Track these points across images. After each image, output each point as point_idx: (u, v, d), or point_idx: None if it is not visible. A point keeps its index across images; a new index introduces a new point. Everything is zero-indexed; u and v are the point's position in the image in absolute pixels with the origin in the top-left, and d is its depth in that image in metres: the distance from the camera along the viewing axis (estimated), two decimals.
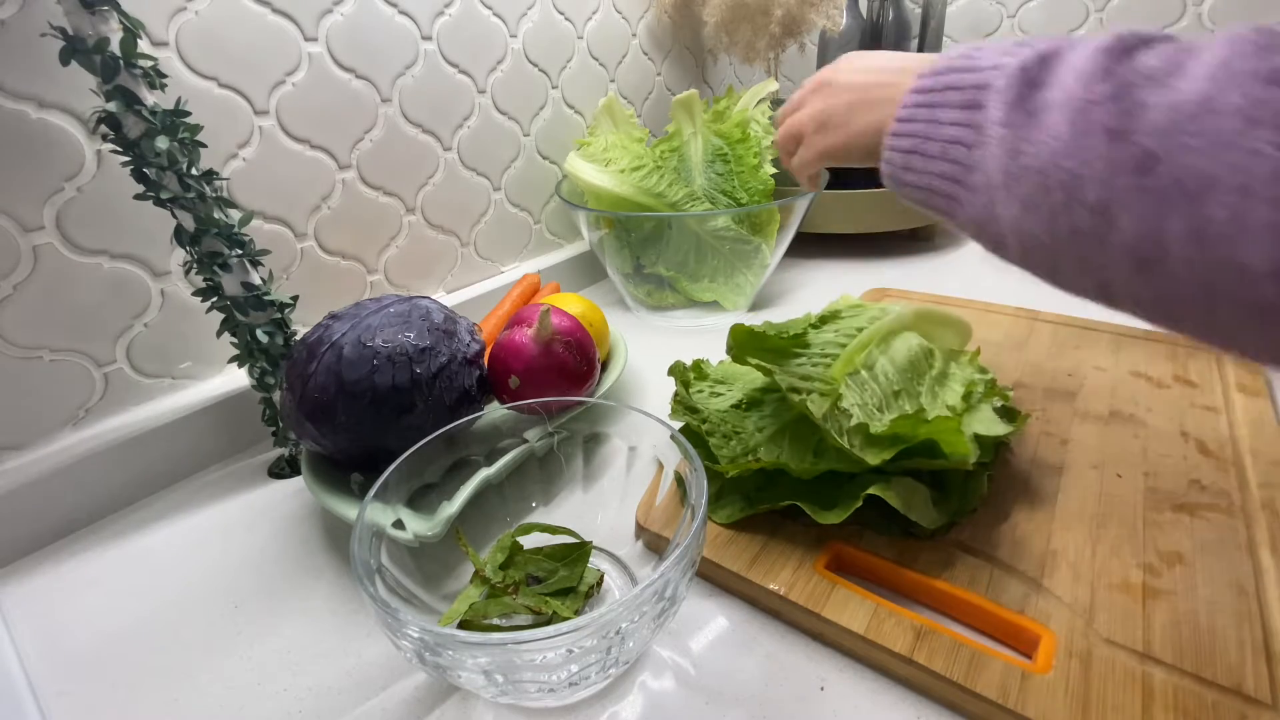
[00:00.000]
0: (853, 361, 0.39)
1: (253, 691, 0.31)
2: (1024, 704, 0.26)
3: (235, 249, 0.42)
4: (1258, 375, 0.47)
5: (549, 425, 0.39)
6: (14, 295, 0.40)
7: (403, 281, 0.62)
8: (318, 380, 0.38)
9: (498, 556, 0.34)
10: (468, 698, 0.30)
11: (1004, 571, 0.32)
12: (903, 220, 0.78)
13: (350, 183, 0.55)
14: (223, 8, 0.45)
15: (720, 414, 0.40)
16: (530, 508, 0.39)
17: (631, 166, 0.64)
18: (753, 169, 0.67)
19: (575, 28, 0.72)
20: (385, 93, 0.56)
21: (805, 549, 0.34)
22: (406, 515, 0.33)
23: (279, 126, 0.50)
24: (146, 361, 0.47)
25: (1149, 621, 0.29)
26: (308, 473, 0.40)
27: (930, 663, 0.28)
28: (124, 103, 0.37)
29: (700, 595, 0.35)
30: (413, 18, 0.56)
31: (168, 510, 0.45)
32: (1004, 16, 0.82)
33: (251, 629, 0.35)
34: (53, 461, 0.42)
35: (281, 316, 0.44)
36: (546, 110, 0.71)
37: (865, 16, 0.76)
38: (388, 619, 0.24)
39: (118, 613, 0.37)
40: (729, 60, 0.95)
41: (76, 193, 0.41)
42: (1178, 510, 0.36)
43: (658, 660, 0.31)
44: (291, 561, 0.39)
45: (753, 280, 0.67)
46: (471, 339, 0.43)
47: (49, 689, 0.32)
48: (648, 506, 0.37)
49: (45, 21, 0.36)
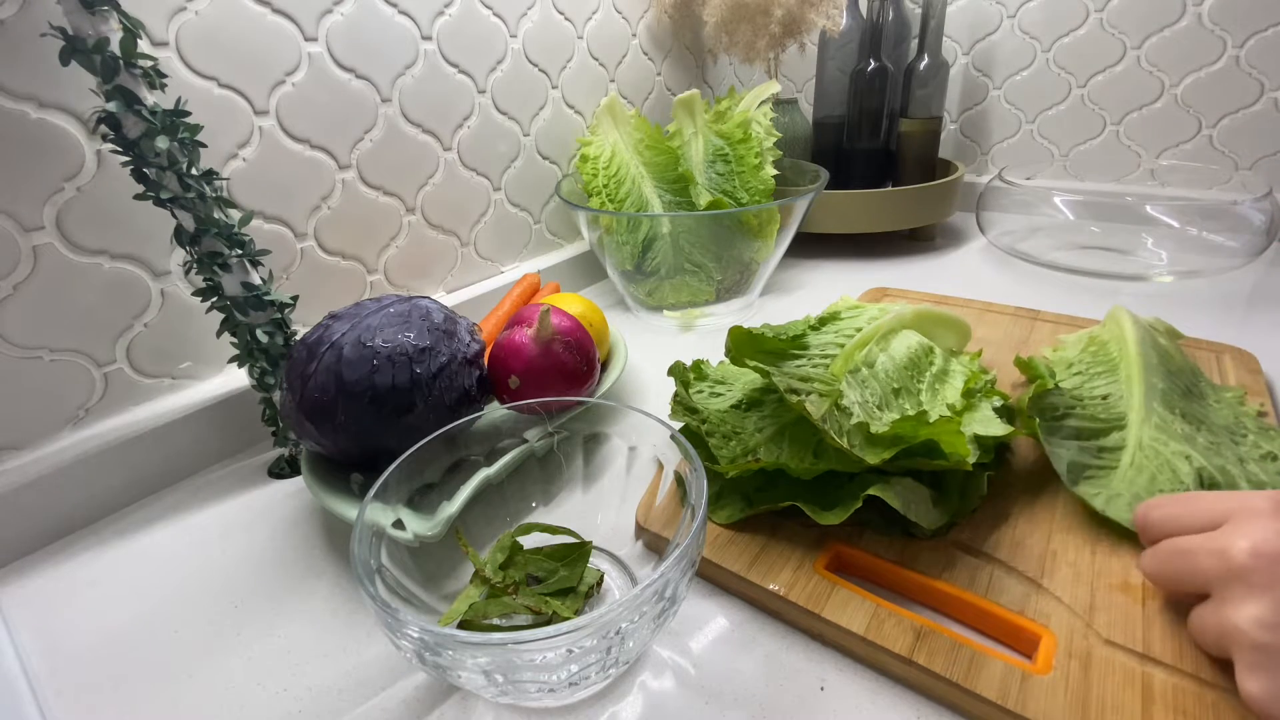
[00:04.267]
0: (853, 359, 0.39)
1: (253, 691, 0.31)
2: (1024, 704, 0.26)
3: (235, 249, 0.42)
4: (1258, 375, 0.47)
5: (549, 425, 0.39)
6: (14, 295, 0.40)
7: (403, 281, 0.62)
8: (318, 380, 0.38)
9: (498, 556, 0.34)
10: (468, 698, 0.30)
11: (1004, 572, 0.32)
12: (903, 220, 0.78)
13: (350, 183, 0.55)
14: (223, 8, 0.45)
15: (720, 414, 0.40)
16: (530, 508, 0.39)
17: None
18: (753, 169, 0.67)
19: (575, 28, 0.72)
20: (385, 93, 0.56)
21: (805, 549, 0.34)
22: (406, 515, 0.33)
23: (279, 126, 0.50)
24: (146, 361, 0.47)
25: (1149, 621, 0.29)
26: (308, 473, 0.40)
27: (930, 663, 0.28)
28: (124, 103, 0.37)
29: (700, 595, 0.35)
30: (413, 18, 0.56)
31: (167, 510, 0.45)
32: (1004, 16, 0.82)
33: (251, 629, 0.35)
34: (53, 461, 0.42)
35: (281, 316, 0.44)
36: (546, 110, 0.71)
37: (865, 16, 0.76)
38: (388, 619, 0.24)
39: (118, 613, 0.37)
40: (729, 60, 0.95)
41: (76, 193, 0.41)
42: None
43: (658, 660, 0.31)
44: (291, 561, 0.39)
45: (752, 280, 0.67)
46: (471, 339, 0.43)
47: (49, 689, 0.32)
48: (648, 506, 0.37)
49: (45, 21, 0.36)
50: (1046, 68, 0.82)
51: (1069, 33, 0.79)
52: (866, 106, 0.79)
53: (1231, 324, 0.57)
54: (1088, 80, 0.80)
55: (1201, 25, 0.72)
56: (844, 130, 0.82)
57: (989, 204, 0.77)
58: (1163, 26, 0.74)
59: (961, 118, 0.90)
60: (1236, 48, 0.71)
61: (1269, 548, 0.23)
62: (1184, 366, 0.43)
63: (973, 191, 0.86)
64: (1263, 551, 0.23)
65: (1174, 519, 0.28)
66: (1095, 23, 0.77)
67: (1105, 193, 0.79)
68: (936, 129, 0.81)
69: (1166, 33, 0.74)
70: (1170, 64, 0.75)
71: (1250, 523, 0.24)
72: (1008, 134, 0.88)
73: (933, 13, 0.75)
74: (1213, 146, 0.76)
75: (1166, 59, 0.75)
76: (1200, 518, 0.27)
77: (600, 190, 0.66)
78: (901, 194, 0.77)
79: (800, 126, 0.82)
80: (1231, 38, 0.71)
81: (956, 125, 0.91)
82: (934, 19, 0.75)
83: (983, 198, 0.78)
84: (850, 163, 0.82)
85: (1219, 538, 0.25)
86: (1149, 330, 0.45)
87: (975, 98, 0.88)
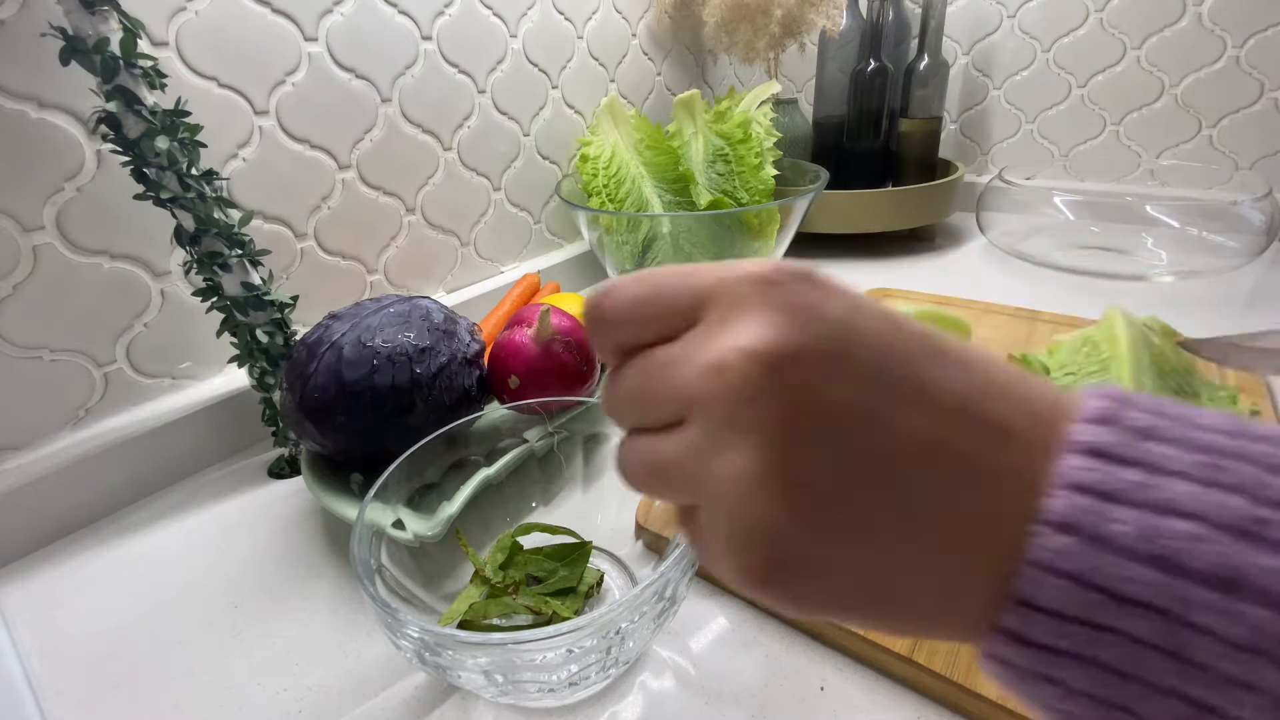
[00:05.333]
0: None
1: (253, 691, 0.31)
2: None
3: (235, 249, 0.42)
4: (1257, 375, 0.47)
5: (549, 425, 0.39)
6: (14, 295, 0.40)
7: (403, 281, 0.62)
8: (318, 380, 0.38)
9: (498, 556, 0.34)
10: (468, 698, 0.30)
11: None
12: (903, 220, 0.78)
13: (350, 183, 0.55)
14: (223, 8, 0.45)
15: None
16: (530, 508, 0.39)
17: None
18: (754, 169, 0.67)
19: (575, 28, 0.72)
20: (385, 93, 0.56)
21: None
22: (406, 515, 0.33)
23: (279, 126, 0.50)
24: (146, 361, 0.47)
25: None
26: (308, 473, 0.40)
27: (930, 663, 0.28)
28: (124, 103, 0.37)
29: (700, 595, 0.35)
30: (413, 18, 0.56)
31: (168, 510, 0.45)
32: (1004, 16, 0.82)
33: (251, 629, 0.35)
34: (53, 461, 0.42)
35: (281, 316, 0.44)
36: (546, 110, 0.71)
37: (865, 16, 0.76)
38: (388, 619, 0.24)
39: (118, 613, 0.37)
40: (729, 60, 0.95)
41: (76, 193, 0.41)
42: None
43: (658, 660, 0.31)
44: (291, 561, 0.39)
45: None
46: (471, 339, 0.43)
47: (49, 689, 0.32)
48: (648, 506, 0.37)
49: (45, 21, 0.36)
50: (1046, 68, 0.82)
51: (1069, 33, 0.79)
52: (866, 106, 0.79)
53: (1231, 324, 0.57)
54: (1088, 80, 0.80)
55: (1201, 25, 0.72)
56: (844, 130, 0.82)
57: (989, 204, 0.77)
58: (1163, 26, 0.74)
59: (961, 118, 0.90)
60: (1236, 48, 0.71)
61: (765, 350, 0.14)
62: (1177, 367, 0.43)
63: (973, 191, 0.86)
64: (761, 353, 0.14)
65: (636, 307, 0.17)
66: (1095, 23, 0.77)
67: (1105, 193, 0.79)
68: (936, 129, 0.81)
69: (1166, 33, 0.74)
70: (1170, 64, 0.75)
71: (732, 320, 0.15)
72: (1008, 134, 0.88)
73: (933, 13, 0.75)
74: (1213, 146, 0.75)
75: (1166, 59, 0.75)
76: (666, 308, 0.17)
77: (600, 190, 0.66)
78: (901, 194, 0.77)
79: (800, 126, 0.82)
80: (1231, 38, 0.71)
81: (956, 125, 0.91)
82: (934, 19, 0.75)
83: (983, 198, 0.78)
84: (850, 163, 0.82)
85: (688, 359, 0.16)
86: (1143, 331, 0.45)
87: (975, 98, 0.88)
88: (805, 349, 0.14)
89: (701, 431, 0.15)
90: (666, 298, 0.17)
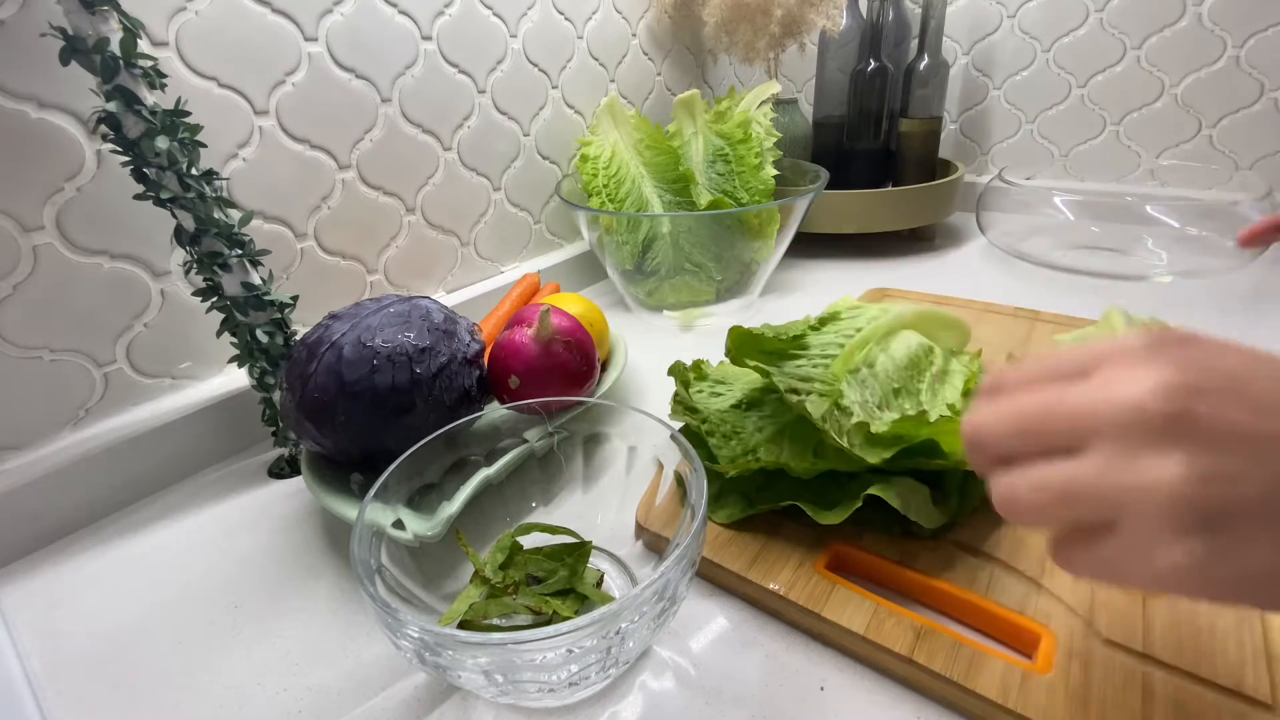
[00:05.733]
0: (853, 359, 0.39)
1: (253, 691, 0.31)
2: (1024, 704, 0.26)
3: (235, 249, 0.42)
4: None
5: (549, 425, 0.39)
6: (14, 295, 0.40)
7: (403, 281, 0.62)
8: (318, 380, 0.38)
9: (498, 556, 0.34)
10: (468, 698, 0.30)
11: (1004, 571, 0.32)
12: (903, 220, 0.78)
13: (350, 183, 0.55)
14: (223, 8, 0.45)
15: (720, 414, 0.40)
16: (530, 508, 0.39)
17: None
18: (754, 169, 0.67)
19: (575, 28, 0.72)
20: (385, 93, 0.56)
21: (805, 549, 0.34)
22: (406, 515, 0.33)
23: (279, 126, 0.50)
24: (146, 361, 0.47)
25: (1149, 621, 0.29)
26: (308, 473, 0.40)
27: (930, 663, 0.28)
28: (124, 103, 0.37)
29: (700, 595, 0.35)
30: (413, 18, 0.56)
31: (168, 510, 0.45)
32: (1004, 16, 0.82)
33: (251, 629, 0.35)
34: (53, 461, 0.42)
35: (281, 316, 0.44)
36: (546, 110, 0.71)
37: (865, 16, 0.76)
38: (388, 619, 0.24)
39: (117, 613, 0.37)
40: (729, 60, 0.95)
41: (76, 193, 0.41)
42: None
43: (658, 660, 0.31)
44: (291, 561, 0.39)
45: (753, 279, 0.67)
46: (471, 339, 0.43)
47: (49, 689, 0.32)
48: (648, 506, 0.37)
49: (45, 21, 0.36)
50: (1046, 68, 0.82)
51: (1069, 33, 0.79)
52: (866, 106, 0.79)
53: (1231, 324, 0.57)
54: (1088, 80, 0.80)
55: (1201, 25, 0.72)
56: (844, 130, 0.82)
57: (989, 204, 0.77)
58: (1163, 26, 0.74)
59: (961, 118, 0.90)
60: (1236, 48, 0.71)
61: (1166, 387, 0.18)
62: None
63: (973, 191, 0.86)
64: (1163, 389, 0.18)
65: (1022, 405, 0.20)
66: (1095, 23, 0.77)
67: (1105, 193, 0.79)
68: (936, 129, 0.81)
69: (1167, 33, 0.74)
70: (1170, 64, 0.75)
71: (1127, 369, 0.19)
72: (1008, 134, 0.88)
73: (933, 13, 0.75)
74: (1213, 146, 0.75)
75: (1166, 59, 0.75)
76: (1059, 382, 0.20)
77: (600, 190, 0.66)
78: (901, 194, 0.77)
79: (800, 126, 0.82)
80: (1231, 38, 0.71)
81: (956, 125, 0.91)
82: (934, 19, 0.75)
83: (983, 198, 0.78)
84: (850, 163, 0.82)
85: (1088, 394, 0.19)
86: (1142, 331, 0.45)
87: (975, 98, 0.88)
88: (1207, 384, 0.18)
89: (1113, 452, 0.18)
90: (1047, 433, 0.20)
